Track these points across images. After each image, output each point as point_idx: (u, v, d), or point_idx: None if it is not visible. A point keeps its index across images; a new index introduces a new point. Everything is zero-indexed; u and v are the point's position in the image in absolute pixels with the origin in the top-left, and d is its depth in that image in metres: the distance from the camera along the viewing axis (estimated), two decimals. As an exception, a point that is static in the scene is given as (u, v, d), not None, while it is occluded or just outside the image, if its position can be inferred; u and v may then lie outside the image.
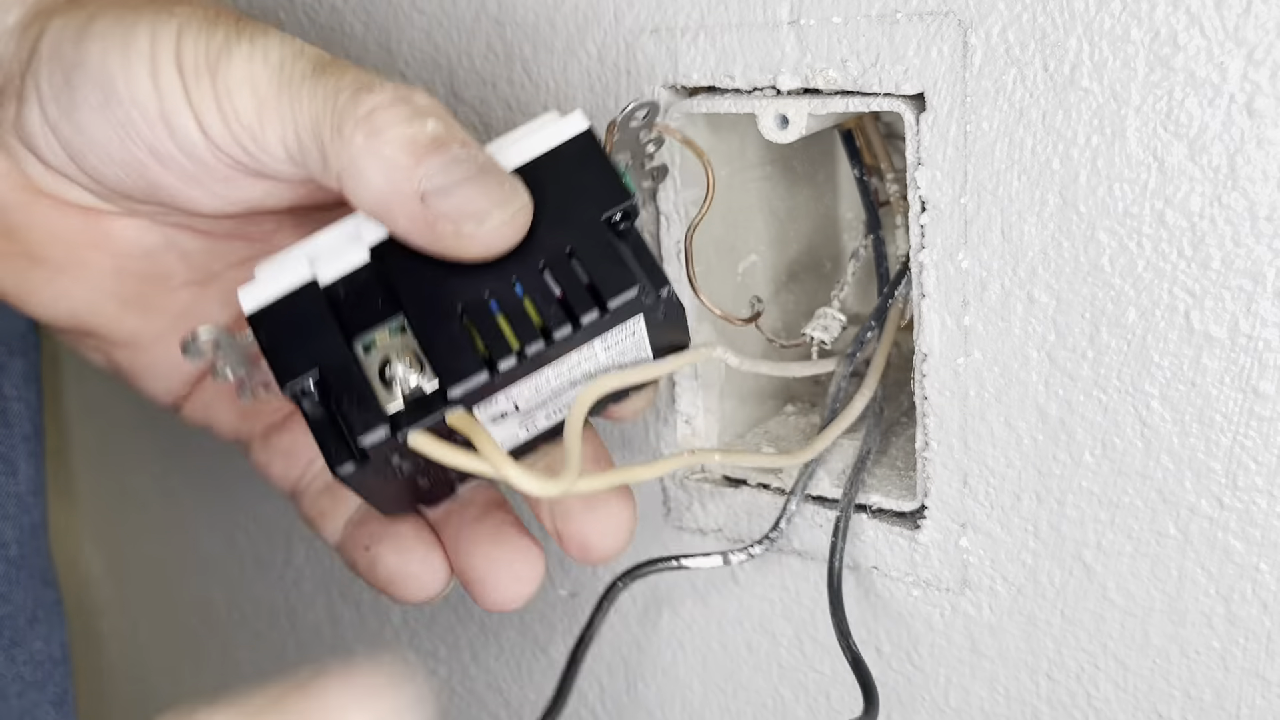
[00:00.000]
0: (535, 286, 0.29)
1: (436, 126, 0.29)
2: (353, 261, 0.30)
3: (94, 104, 0.30)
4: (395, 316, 0.29)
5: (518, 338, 0.29)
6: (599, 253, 0.29)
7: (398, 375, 0.29)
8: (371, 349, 0.29)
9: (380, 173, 0.28)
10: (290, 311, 0.29)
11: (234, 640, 0.66)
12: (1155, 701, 0.36)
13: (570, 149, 0.30)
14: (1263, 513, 0.32)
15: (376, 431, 0.28)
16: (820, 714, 0.44)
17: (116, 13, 0.31)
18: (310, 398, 0.29)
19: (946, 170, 0.33)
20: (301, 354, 0.29)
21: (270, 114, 0.30)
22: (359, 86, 0.29)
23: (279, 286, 0.30)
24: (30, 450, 0.56)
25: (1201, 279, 0.31)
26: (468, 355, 0.29)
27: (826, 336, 0.41)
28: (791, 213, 0.44)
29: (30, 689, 0.57)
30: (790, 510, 0.39)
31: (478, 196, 0.28)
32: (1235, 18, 0.29)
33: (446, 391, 0.29)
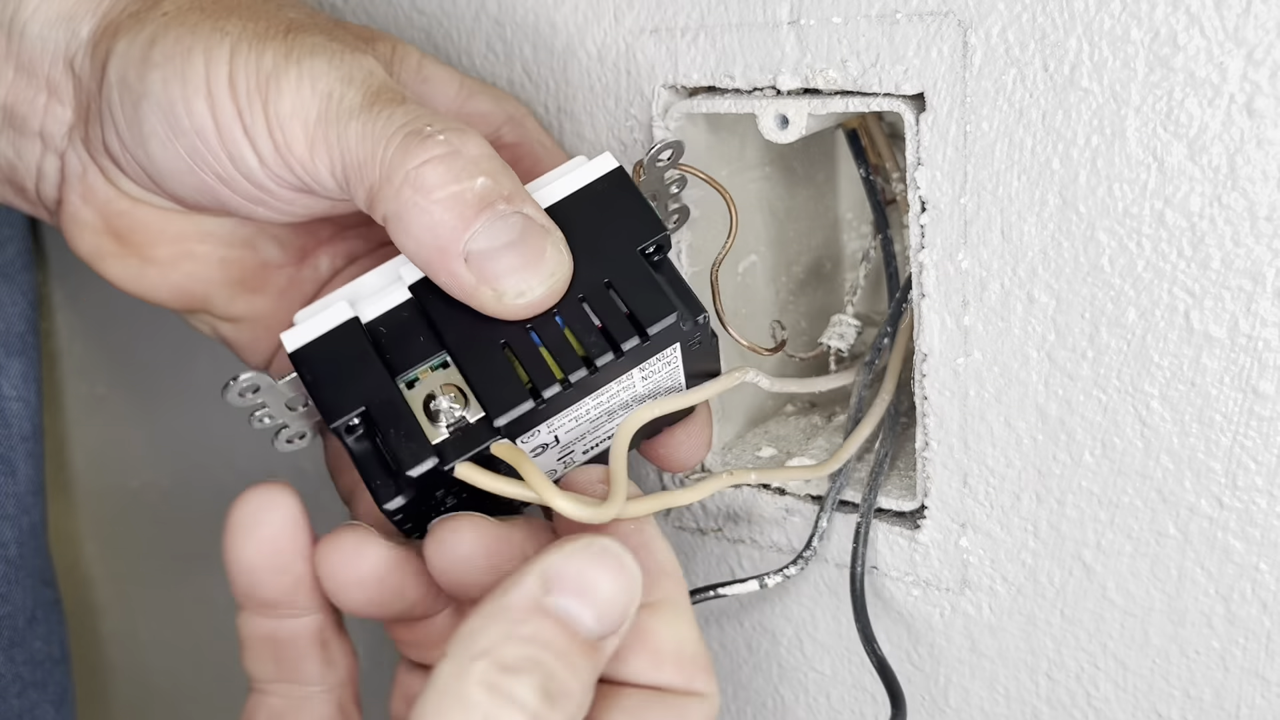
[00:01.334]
0: (575, 317, 0.30)
1: (485, 184, 0.29)
2: (393, 300, 0.31)
3: (161, 136, 0.32)
4: (437, 353, 0.30)
5: (561, 368, 0.30)
6: (636, 282, 0.30)
7: (442, 408, 0.29)
8: (415, 385, 0.30)
9: (426, 230, 0.29)
10: (334, 349, 0.30)
11: (234, 640, 0.66)
12: (1155, 701, 0.36)
13: (603, 184, 0.31)
14: (1262, 513, 0.32)
15: (425, 463, 0.29)
16: (820, 714, 0.44)
17: (175, 34, 0.32)
18: (355, 434, 0.30)
19: (946, 170, 0.33)
20: (347, 391, 0.29)
21: (320, 148, 0.30)
22: (409, 131, 0.29)
23: (321, 325, 0.30)
24: (29, 450, 0.56)
25: (1201, 279, 0.31)
26: (512, 385, 0.29)
27: (843, 344, 0.41)
28: (792, 213, 0.44)
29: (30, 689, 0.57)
30: (822, 526, 0.39)
31: (520, 266, 0.29)
32: (1235, 18, 0.29)
33: (492, 421, 0.29)
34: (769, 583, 0.38)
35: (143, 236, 0.36)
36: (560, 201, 0.31)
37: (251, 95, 0.31)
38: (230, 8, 0.32)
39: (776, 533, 0.41)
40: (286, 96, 0.30)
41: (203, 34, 0.31)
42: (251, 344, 0.39)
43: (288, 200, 0.33)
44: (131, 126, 0.32)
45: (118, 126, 0.33)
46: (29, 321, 0.57)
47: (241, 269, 0.37)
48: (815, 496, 0.40)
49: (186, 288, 0.37)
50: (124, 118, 0.32)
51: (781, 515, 0.41)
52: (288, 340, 0.30)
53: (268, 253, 0.37)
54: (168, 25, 0.32)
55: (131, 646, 0.74)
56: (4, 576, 0.54)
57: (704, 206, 0.40)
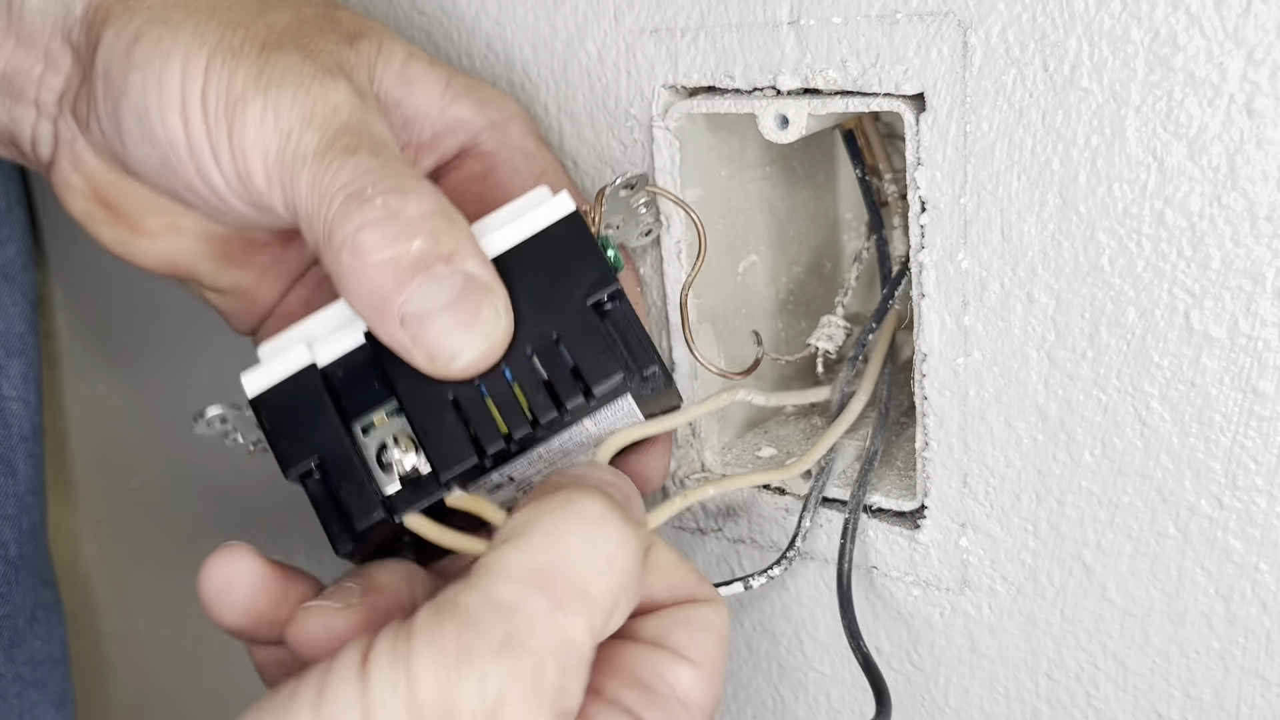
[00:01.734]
0: (523, 372, 0.30)
1: (422, 245, 0.29)
2: (349, 344, 0.31)
3: (137, 138, 0.33)
4: (390, 400, 0.31)
5: (506, 424, 0.30)
6: (584, 338, 0.30)
7: (394, 459, 0.30)
8: (370, 430, 0.31)
9: (364, 292, 0.30)
10: (290, 396, 0.31)
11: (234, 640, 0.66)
12: (1155, 701, 0.36)
13: (557, 230, 0.31)
14: (1262, 512, 0.32)
15: (372, 515, 0.30)
16: (820, 714, 0.44)
17: (159, 32, 0.32)
18: (312, 477, 0.31)
19: (946, 170, 0.33)
20: (301, 441, 0.30)
21: (275, 187, 0.31)
22: (350, 193, 0.30)
23: (279, 371, 0.31)
24: (29, 451, 0.56)
25: (1201, 279, 0.31)
26: (458, 441, 0.30)
27: (831, 346, 0.41)
28: (791, 213, 0.44)
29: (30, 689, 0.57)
30: (805, 526, 0.39)
31: (454, 328, 0.29)
32: (1235, 18, 0.29)
33: (439, 477, 0.30)
34: (754, 584, 0.38)
35: (130, 207, 0.36)
36: (510, 250, 0.31)
37: (219, 118, 0.31)
38: (214, 9, 0.33)
39: (776, 532, 0.41)
40: (250, 128, 0.31)
41: (183, 38, 0.32)
42: (238, 314, 0.39)
43: (251, 216, 0.34)
44: (111, 121, 0.33)
45: (100, 117, 0.34)
46: (29, 321, 0.57)
47: (226, 245, 0.38)
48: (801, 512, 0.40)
49: (172, 258, 0.37)
50: (105, 111, 0.33)
51: (781, 515, 0.41)
52: (248, 384, 0.31)
53: (250, 230, 0.38)
54: (152, 22, 0.32)
55: (131, 646, 0.74)
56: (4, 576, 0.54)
57: (704, 208, 0.40)
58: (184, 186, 0.33)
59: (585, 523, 0.26)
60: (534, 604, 0.25)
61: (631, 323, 0.31)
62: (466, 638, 0.24)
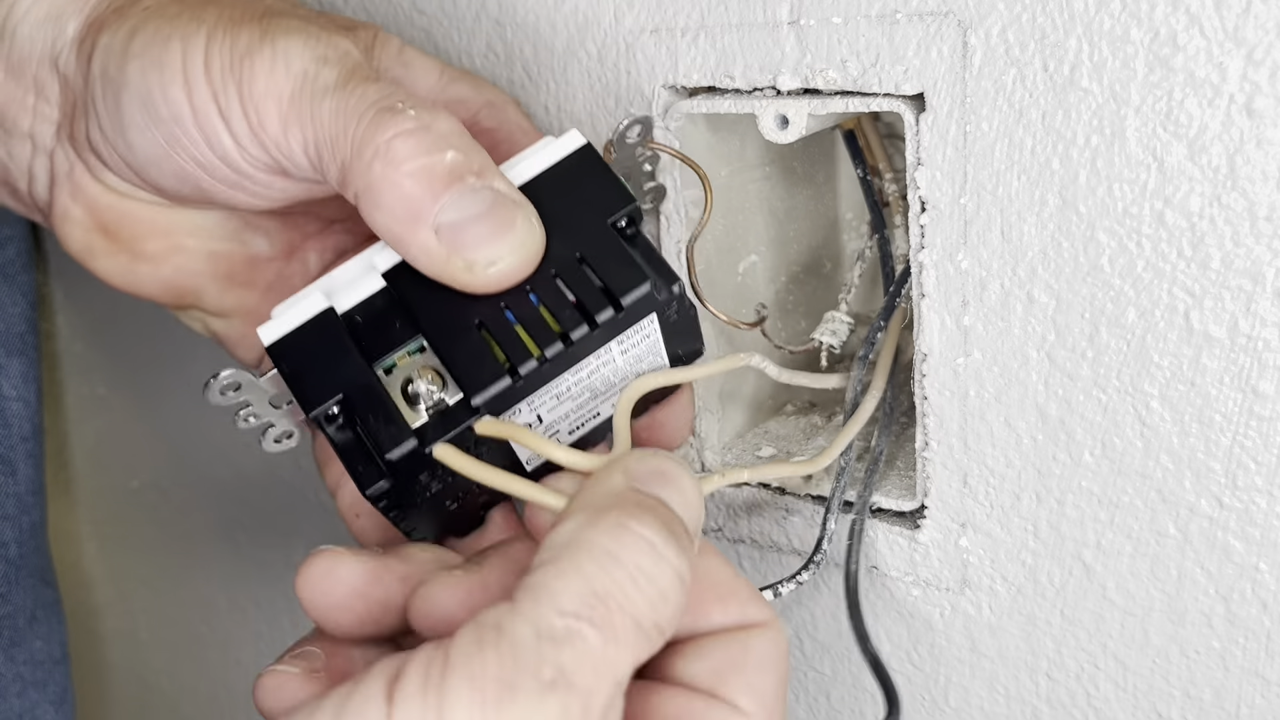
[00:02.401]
0: (549, 294, 0.30)
1: (455, 157, 0.29)
2: (369, 288, 0.31)
3: (140, 123, 0.32)
4: (413, 339, 0.30)
5: (536, 343, 0.29)
6: (609, 256, 0.30)
7: (420, 391, 0.29)
8: (393, 371, 0.30)
9: (397, 202, 0.29)
10: (310, 340, 0.30)
11: (234, 640, 0.66)
12: (1155, 701, 0.36)
13: (571, 162, 0.31)
14: (1262, 512, 0.32)
15: (404, 445, 0.29)
16: (820, 714, 0.44)
17: (155, 25, 0.32)
18: (335, 423, 0.30)
19: (946, 170, 0.33)
20: (325, 380, 0.29)
21: (293, 126, 0.31)
22: (382, 107, 0.29)
23: (297, 316, 0.30)
24: (29, 451, 0.56)
25: (1201, 279, 0.31)
26: (489, 363, 0.29)
27: (835, 340, 0.41)
28: (791, 213, 0.44)
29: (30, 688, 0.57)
30: (830, 529, 0.38)
31: (490, 235, 0.29)
32: (1235, 18, 0.29)
33: (470, 401, 0.29)
34: (783, 591, 0.38)
35: (131, 231, 0.36)
36: (530, 180, 0.31)
37: (226, 76, 0.31)
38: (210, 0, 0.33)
39: (776, 532, 0.41)
40: (260, 76, 0.31)
41: (181, 24, 0.32)
42: (242, 339, 0.39)
43: (264, 184, 0.33)
44: (113, 117, 0.33)
45: (100, 119, 0.33)
46: (29, 322, 0.57)
47: (230, 263, 0.37)
48: (815, 496, 0.40)
49: (176, 282, 0.37)
50: (105, 109, 0.33)
51: (781, 515, 0.41)
52: (264, 333, 0.30)
53: (256, 246, 0.38)
54: (148, 18, 0.32)
55: (131, 646, 0.74)
56: (4, 576, 0.54)
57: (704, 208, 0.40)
58: (193, 163, 0.32)
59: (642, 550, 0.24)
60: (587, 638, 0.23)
61: (653, 249, 0.31)
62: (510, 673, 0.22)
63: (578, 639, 0.23)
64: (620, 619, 0.23)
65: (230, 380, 0.31)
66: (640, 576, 0.24)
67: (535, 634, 0.22)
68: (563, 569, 0.24)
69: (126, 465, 0.68)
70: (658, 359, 0.33)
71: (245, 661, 0.66)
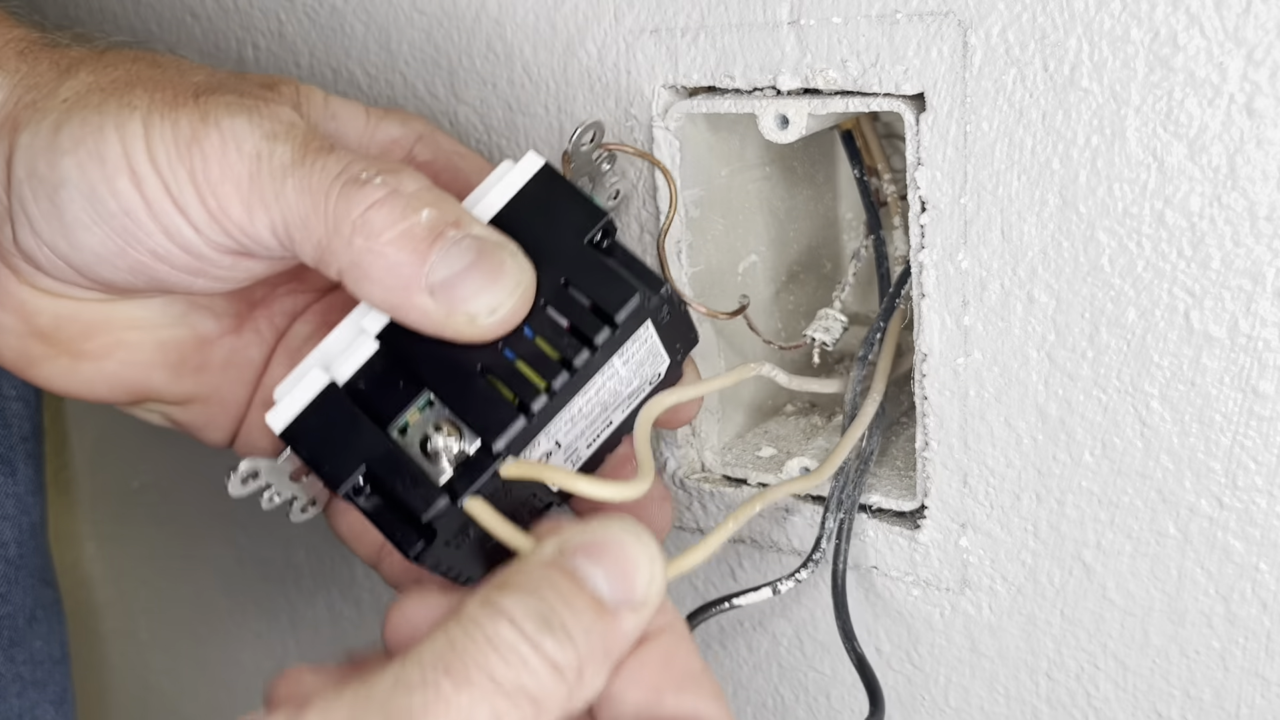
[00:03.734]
0: (543, 324, 0.30)
1: (431, 214, 0.29)
2: (363, 353, 0.31)
3: (85, 221, 0.31)
4: (420, 394, 0.30)
5: (542, 376, 0.30)
6: (593, 274, 0.30)
7: (439, 446, 0.30)
8: (407, 430, 0.30)
9: (385, 273, 0.29)
10: (320, 418, 0.30)
11: (234, 640, 0.66)
12: (1155, 701, 0.36)
13: (534, 187, 0.31)
14: (1262, 512, 0.32)
15: (437, 504, 0.29)
16: (820, 714, 0.44)
17: (81, 115, 0.31)
18: (364, 494, 0.30)
19: (946, 170, 0.33)
20: (344, 456, 0.30)
21: (257, 209, 0.30)
22: (347, 180, 0.29)
23: (301, 398, 0.30)
24: (29, 450, 0.56)
25: (1201, 279, 0.31)
26: (501, 406, 0.30)
27: (828, 338, 0.41)
28: (791, 213, 0.44)
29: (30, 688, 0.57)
30: (829, 528, 0.38)
31: (485, 284, 0.29)
32: (1235, 18, 0.29)
33: (491, 447, 0.30)
34: (781, 589, 0.38)
35: (69, 332, 0.34)
36: (499, 213, 0.31)
37: (175, 164, 0.30)
38: (132, 82, 0.31)
39: (776, 532, 0.41)
40: (213, 161, 0.30)
41: (110, 112, 0.30)
42: (207, 424, 0.38)
43: (228, 266, 0.32)
44: (49, 218, 0.31)
45: (32, 222, 0.31)
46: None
47: (179, 349, 0.36)
48: (814, 496, 0.40)
49: (125, 378, 0.35)
50: (40, 211, 0.31)
51: (781, 515, 0.41)
52: (273, 421, 0.30)
53: (203, 327, 0.36)
54: (70, 110, 0.31)
55: (131, 646, 0.74)
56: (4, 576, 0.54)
57: (704, 208, 0.40)
58: (150, 255, 0.31)
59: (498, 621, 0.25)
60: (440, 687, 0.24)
61: (631, 256, 0.31)
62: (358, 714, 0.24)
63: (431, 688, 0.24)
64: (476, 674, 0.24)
65: (249, 469, 0.31)
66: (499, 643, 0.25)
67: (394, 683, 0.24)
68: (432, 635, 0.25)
69: (126, 465, 0.68)
70: (658, 359, 0.33)
71: (245, 661, 0.66)
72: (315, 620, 0.62)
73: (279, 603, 0.63)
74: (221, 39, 0.48)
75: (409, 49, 0.43)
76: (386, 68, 0.44)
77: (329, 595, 0.60)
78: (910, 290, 0.40)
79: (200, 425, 0.38)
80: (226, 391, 0.37)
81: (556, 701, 0.25)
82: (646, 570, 0.27)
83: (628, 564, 0.27)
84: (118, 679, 0.75)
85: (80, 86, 0.31)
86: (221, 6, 0.48)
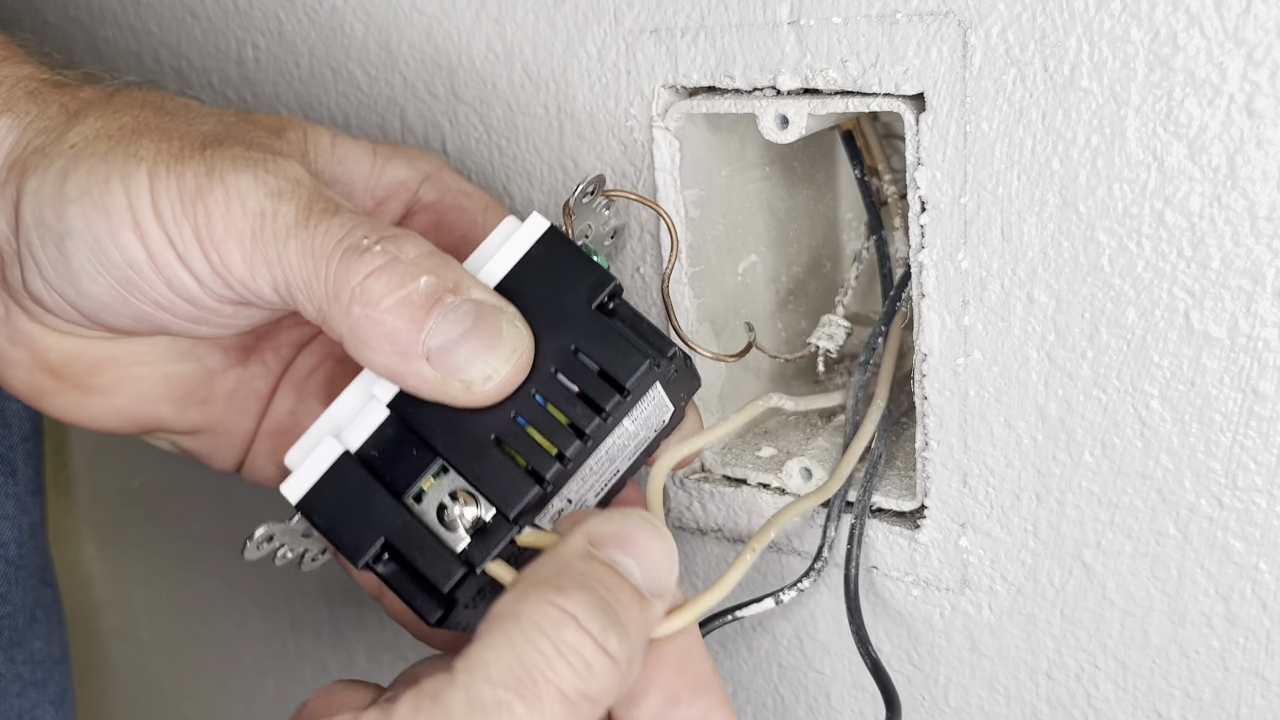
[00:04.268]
0: (553, 391, 0.31)
1: (429, 281, 0.30)
2: (375, 420, 0.31)
3: (90, 271, 0.31)
4: (434, 461, 0.31)
5: (554, 444, 0.30)
6: (601, 340, 0.31)
7: (456, 515, 0.30)
8: (422, 497, 0.31)
9: (383, 340, 0.29)
10: (335, 489, 0.31)
11: (234, 640, 0.66)
12: (1155, 701, 0.36)
13: (540, 250, 0.32)
14: (1262, 512, 0.32)
15: (455, 574, 0.30)
16: (820, 714, 0.44)
17: (88, 165, 0.31)
18: (381, 561, 0.30)
19: (946, 170, 0.33)
20: (361, 529, 0.30)
21: (259, 267, 0.30)
22: (348, 247, 0.30)
23: (315, 468, 0.31)
24: (29, 451, 0.56)
25: (1201, 279, 0.31)
26: (515, 477, 0.30)
27: (832, 345, 0.41)
28: (791, 213, 0.44)
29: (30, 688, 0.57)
30: (830, 536, 0.38)
31: (481, 351, 0.29)
32: (1235, 18, 0.29)
33: (507, 516, 0.30)
34: (784, 598, 0.38)
35: (79, 368, 0.35)
36: (505, 278, 0.31)
37: (179, 219, 0.30)
38: (139, 130, 0.32)
39: (778, 534, 0.41)
40: (217, 218, 0.30)
41: (116, 162, 0.31)
42: (215, 453, 0.38)
43: (229, 314, 0.33)
44: (56, 265, 0.32)
45: (40, 268, 0.32)
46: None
47: (186, 383, 0.36)
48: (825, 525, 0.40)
49: (133, 411, 0.36)
50: (47, 258, 0.32)
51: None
52: (288, 492, 0.31)
53: (210, 361, 0.37)
54: (77, 157, 0.31)
55: (131, 646, 0.74)
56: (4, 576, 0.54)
57: (704, 208, 0.40)
58: (153, 305, 0.32)
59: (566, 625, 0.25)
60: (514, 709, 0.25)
61: (638, 316, 0.32)
62: None
63: (505, 710, 0.25)
64: (546, 690, 0.25)
65: (264, 535, 0.32)
66: (566, 650, 0.25)
67: (467, 704, 0.25)
68: (495, 641, 0.25)
69: (126, 465, 0.68)
70: (664, 409, 0.33)
71: (245, 661, 0.66)
72: (315, 621, 0.62)
73: (279, 603, 0.63)
74: (221, 39, 0.48)
75: (409, 49, 0.43)
76: (386, 68, 0.44)
77: (329, 596, 0.60)
78: (911, 292, 0.40)
79: (208, 454, 0.38)
80: (233, 422, 0.38)
81: (612, 695, 0.26)
82: (669, 560, 0.28)
83: (655, 554, 0.28)
84: (118, 679, 0.75)
85: (88, 133, 0.32)
86: (221, 6, 0.48)
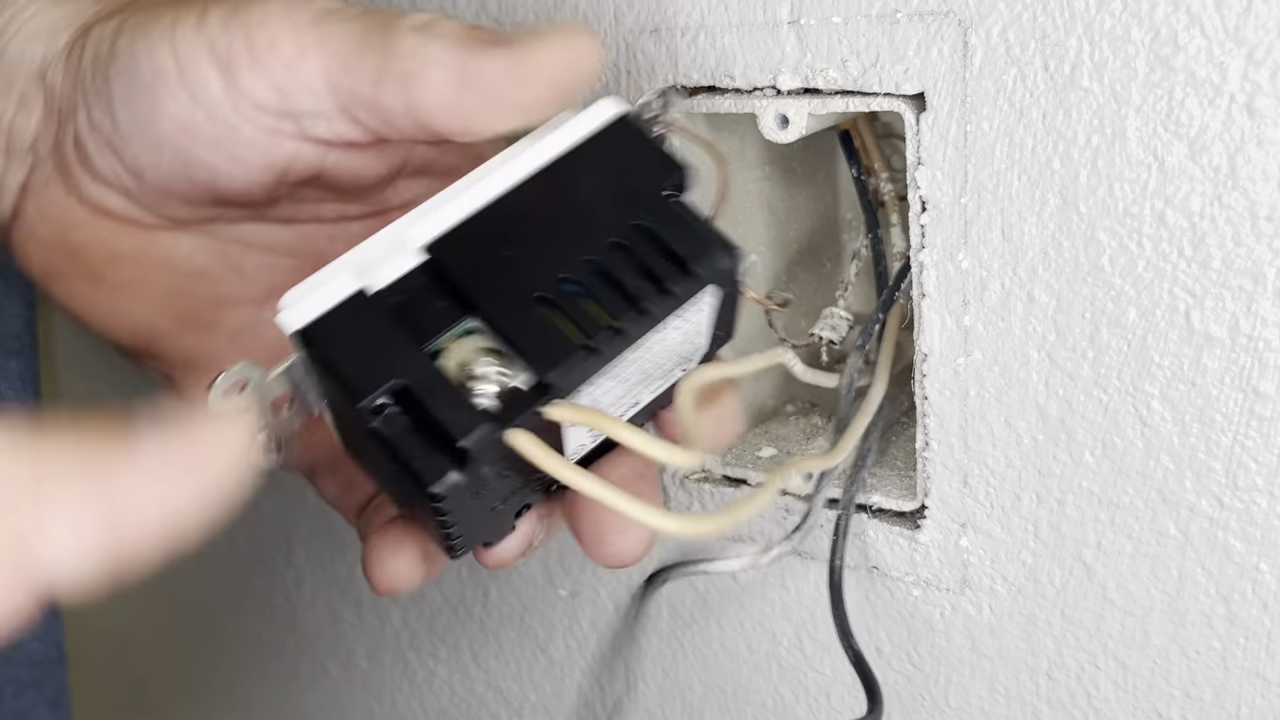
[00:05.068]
0: (613, 262, 0.27)
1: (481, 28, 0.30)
2: (405, 265, 0.27)
3: (123, 94, 0.31)
4: (463, 319, 0.27)
5: (609, 312, 0.27)
6: (670, 223, 0.28)
7: (481, 374, 0.26)
8: (441, 355, 0.26)
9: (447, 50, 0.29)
10: (345, 324, 0.26)
11: (234, 640, 0.66)
12: (1155, 701, 0.36)
13: (611, 131, 0.29)
14: (1263, 513, 0.32)
15: (477, 427, 0.25)
16: (820, 714, 0.44)
17: (153, 9, 0.32)
18: (382, 414, 0.26)
19: (947, 170, 0.33)
20: (372, 367, 0.26)
21: (309, 41, 0.30)
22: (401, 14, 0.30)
23: (325, 300, 0.26)
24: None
25: (1202, 279, 0.31)
26: (557, 338, 0.26)
27: (835, 335, 0.41)
28: (791, 213, 0.44)
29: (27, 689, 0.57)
30: (812, 516, 0.38)
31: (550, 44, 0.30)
32: (1235, 17, 0.29)
33: (541, 380, 0.26)
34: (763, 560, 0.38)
35: (97, 255, 0.34)
36: (567, 153, 0.29)
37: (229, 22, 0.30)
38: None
39: (776, 531, 0.41)
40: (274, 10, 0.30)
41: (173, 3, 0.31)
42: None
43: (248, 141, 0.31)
44: (100, 94, 0.32)
45: (87, 103, 0.32)
46: (26, 322, 0.57)
47: (193, 299, 0.35)
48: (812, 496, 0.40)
49: (132, 315, 0.35)
50: (93, 89, 0.32)
51: (781, 515, 0.41)
52: (287, 319, 0.26)
53: (225, 284, 0.35)
54: (142, 7, 0.32)
55: (131, 646, 0.74)
56: (3, 577, 0.54)
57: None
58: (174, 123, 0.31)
59: None
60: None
61: (706, 218, 0.29)
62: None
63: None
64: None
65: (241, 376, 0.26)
66: None
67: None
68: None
69: (125, 465, 0.68)
70: (700, 341, 0.30)
71: (246, 662, 0.66)
72: (315, 621, 0.62)
73: (279, 603, 0.63)
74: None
75: (408, 49, 0.43)
76: (386, 67, 0.44)
77: (329, 596, 0.60)
78: (909, 284, 0.40)
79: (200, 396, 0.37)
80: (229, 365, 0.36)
81: None
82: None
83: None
84: (117, 679, 0.75)
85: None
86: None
